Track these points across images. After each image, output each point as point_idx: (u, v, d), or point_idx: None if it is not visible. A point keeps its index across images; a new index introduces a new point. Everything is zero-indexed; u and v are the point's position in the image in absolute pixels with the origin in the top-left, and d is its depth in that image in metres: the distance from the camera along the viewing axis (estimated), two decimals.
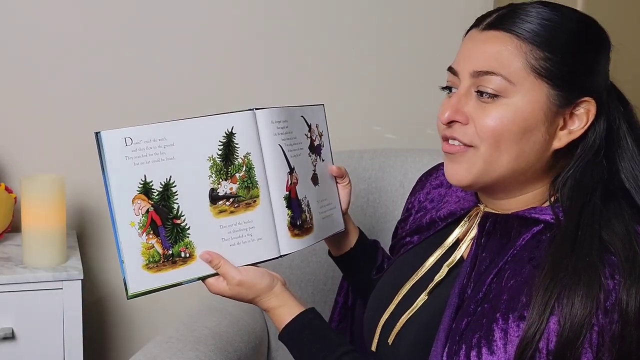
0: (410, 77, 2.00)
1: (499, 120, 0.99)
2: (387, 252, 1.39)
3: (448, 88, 1.06)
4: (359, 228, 1.35)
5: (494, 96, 0.99)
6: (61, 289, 1.59)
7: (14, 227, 1.77)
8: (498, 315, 0.96)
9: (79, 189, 1.86)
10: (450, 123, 1.03)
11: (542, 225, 1.01)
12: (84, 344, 1.63)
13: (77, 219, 1.88)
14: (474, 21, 1.06)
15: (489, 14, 1.04)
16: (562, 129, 1.01)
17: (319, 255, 1.71)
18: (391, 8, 1.97)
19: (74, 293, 1.60)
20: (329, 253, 1.38)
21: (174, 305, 1.89)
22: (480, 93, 1.00)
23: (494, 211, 1.08)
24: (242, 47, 1.91)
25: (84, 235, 1.89)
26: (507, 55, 0.99)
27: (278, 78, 1.94)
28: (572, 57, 0.99)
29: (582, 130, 1.01)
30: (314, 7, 1.93)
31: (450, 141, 1.04)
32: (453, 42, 1.95)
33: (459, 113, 1.02)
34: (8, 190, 1.73)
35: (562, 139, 1.01)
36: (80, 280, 1.60)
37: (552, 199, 1.03)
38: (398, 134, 2.02)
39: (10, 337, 1.58)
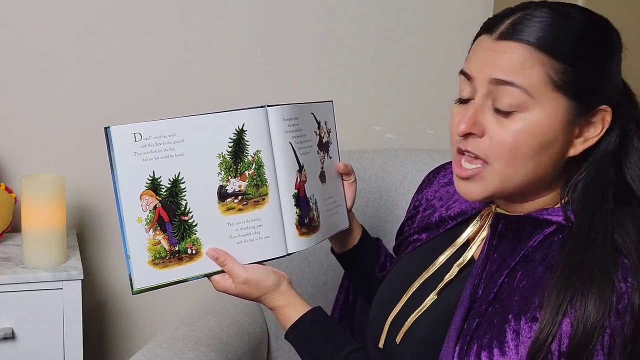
0: (411, 77, 2.00)
1: (516, 136, 0.96)
2: (390, 251, 1.39)
3: (460, 100, 1.03)
4: (362, 226, 1.35)
5: (511, 111, 0.97)
6: (61, 289, 1.59)
7: (14, 227, 1.76)
8: (510, 316, 0.96)
9: (79, 189, 1.86)
10: (465, 135, 1.00)
11: (555, 226, 1.01)
12: (84, 344, 1.63)
13: (77, 219, 1.88)
14: (484, 25, 1.02)
15: (500, 19, 1.00)
16: (577, 136, 1.00)
17: (319, 254, 1.71)
18: (391, 8, 1.97)
19: (74, 293, 1.60)
20: (332, 250, 1.37)
21: (174, 306, 1.89)
22: (496, 107, 0.97)
23: (506, 212, 1.08)
24: (242, 47, 1.91)
25: (84, 235, 1.89)
26: (527, 67, 0.95)
27: (278, 78, 1.94)
28: (590, 68, 0.97)
29: (598, 138, 0.99)
30: (314, 7, 1.93)
31: (464, 164, 1.01)
32: (453, 42, 1.97)
33: (476, 125, 0.99)
34: (8, 190, 1.73)
35: (577, 147, 1.00)
36: (80, 280, 1.60)
37: (563, 201, 1.02)
38: (398, 134, 2.02)
39: (10, 337, 1.57)
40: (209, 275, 1.11)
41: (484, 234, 1.09)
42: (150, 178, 1.05)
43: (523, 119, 0.96)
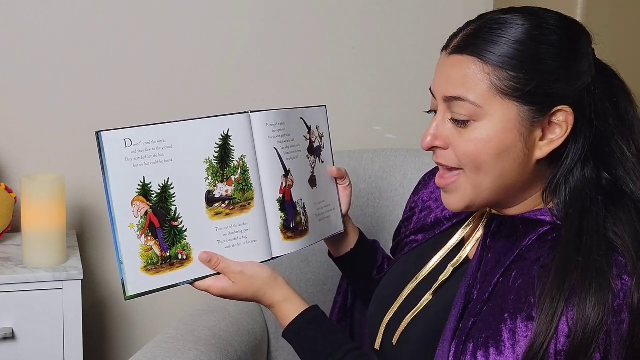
0: (411, 77, 2.00)
1: (474, 145, 0.99)
2: (388, 252, 1.39)
3: (433, 111, 1.06)
4: (359, 229, 1.35)
5: (466, 121, 0.99)
6: (61, 289, 1.59)
7: (14, 227, 1.76)
8: (506, 315, 0.96)
9: (79, 189, 1.86)
10: (432, 148, 1.04)
11: (549, 226, 1.01)
12: (84, 344, 1.63)
13: (77, 219, 1.88)
14: (447, 40, 1.05)
15: (455, 34, 1.03)
16: (541, 139, 0.99)
17: (319, 255, 1.71)
18: (391, 8, 1.97)
19: (74, 293, 1.60)
20: (329, 254, 1.38)
21: (174, 306, 1.89)
22: (454, 120, 1.00)
23: (499, 213, 1.08)
24: (242, 47, 1.91)
25: (84, 235, 1.89)
26: (472, 79, 0.98)
27: (278, 78, 1.94)
28: (535, 71, 0.97)
29: (563, 139, 0.99)
30: (313, 7, 1.93)
31: (441, 171, 1.05)
32: None
33: (439, 139, 1.02)
34: (8, 190, 1.73)
35: (543, 149, 1.00)
36: (80, 280, 1.60)
37: (551, 204, 1.02)
38: (398, 134, 2.02)
39: (10, 337, 1.58)
40: (199, 280, 1.11)
41: (478, 234, 1.10)
42: (141, 184, 1.05)
43: (478, 128, 0.99)
